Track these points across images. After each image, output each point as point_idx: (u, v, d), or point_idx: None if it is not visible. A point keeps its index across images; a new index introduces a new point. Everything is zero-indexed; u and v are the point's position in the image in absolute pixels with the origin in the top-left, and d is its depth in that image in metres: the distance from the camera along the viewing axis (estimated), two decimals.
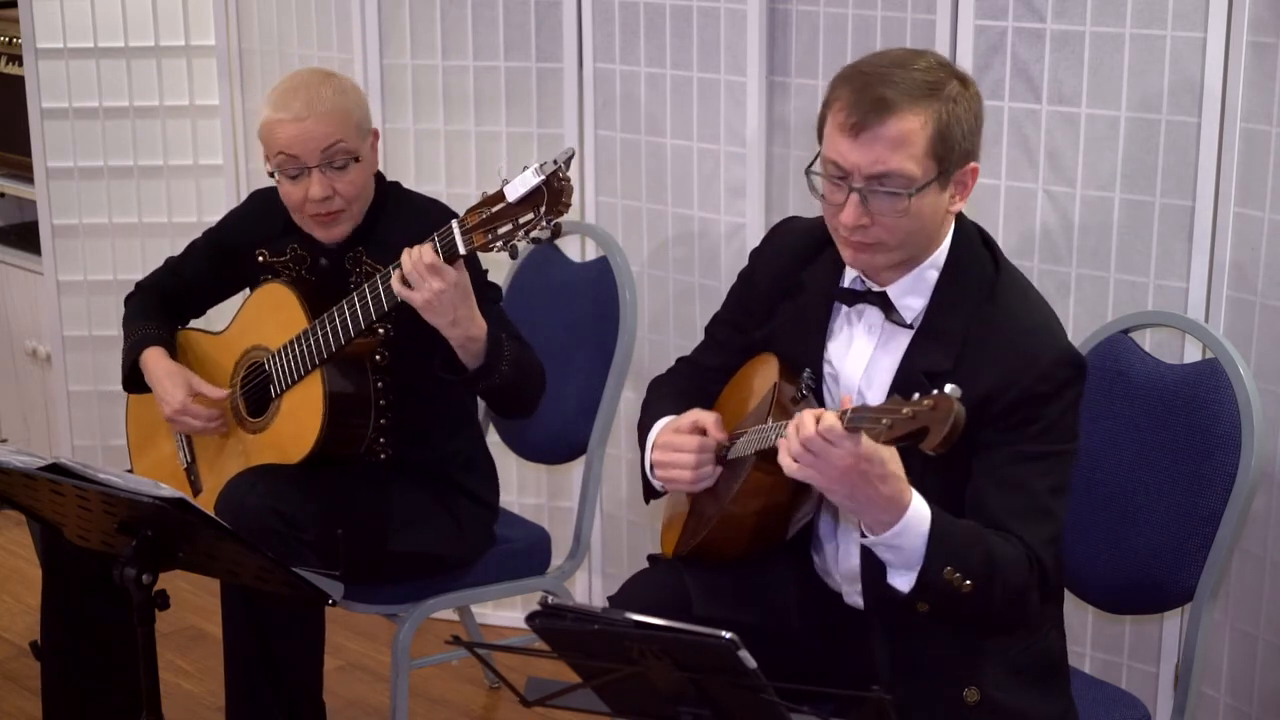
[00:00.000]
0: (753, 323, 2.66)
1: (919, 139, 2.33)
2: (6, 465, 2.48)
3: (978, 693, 2.40)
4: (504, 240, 2.73)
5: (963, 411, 2.06)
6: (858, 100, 2.34)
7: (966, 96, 2.39)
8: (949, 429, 2.06)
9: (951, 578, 2.25)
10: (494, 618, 4.07)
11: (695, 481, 2.54)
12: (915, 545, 2.26)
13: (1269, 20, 2.90)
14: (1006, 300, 2.45)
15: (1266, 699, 3.09)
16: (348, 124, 3.04)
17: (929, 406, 2.08)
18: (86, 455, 4.44)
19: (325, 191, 3.03)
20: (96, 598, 3.02)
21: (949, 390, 2.07)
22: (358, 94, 3.12)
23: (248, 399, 3.17)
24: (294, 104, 3.02)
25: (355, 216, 3.10)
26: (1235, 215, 3.00)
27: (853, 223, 2.38)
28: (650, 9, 3.67)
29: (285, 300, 3.10)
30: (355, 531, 2.97)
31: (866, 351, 2.50)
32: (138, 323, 3.27)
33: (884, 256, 2.42)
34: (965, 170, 2.41)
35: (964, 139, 2.37)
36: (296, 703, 3.05)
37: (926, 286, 2.46)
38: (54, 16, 4.28)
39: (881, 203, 2.36)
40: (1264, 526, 3.04)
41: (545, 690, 2.20)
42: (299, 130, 3.00)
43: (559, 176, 2.67)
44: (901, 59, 2.40)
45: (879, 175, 2.34)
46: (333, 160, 3.02)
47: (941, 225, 2.45)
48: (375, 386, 3.08)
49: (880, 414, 2.13)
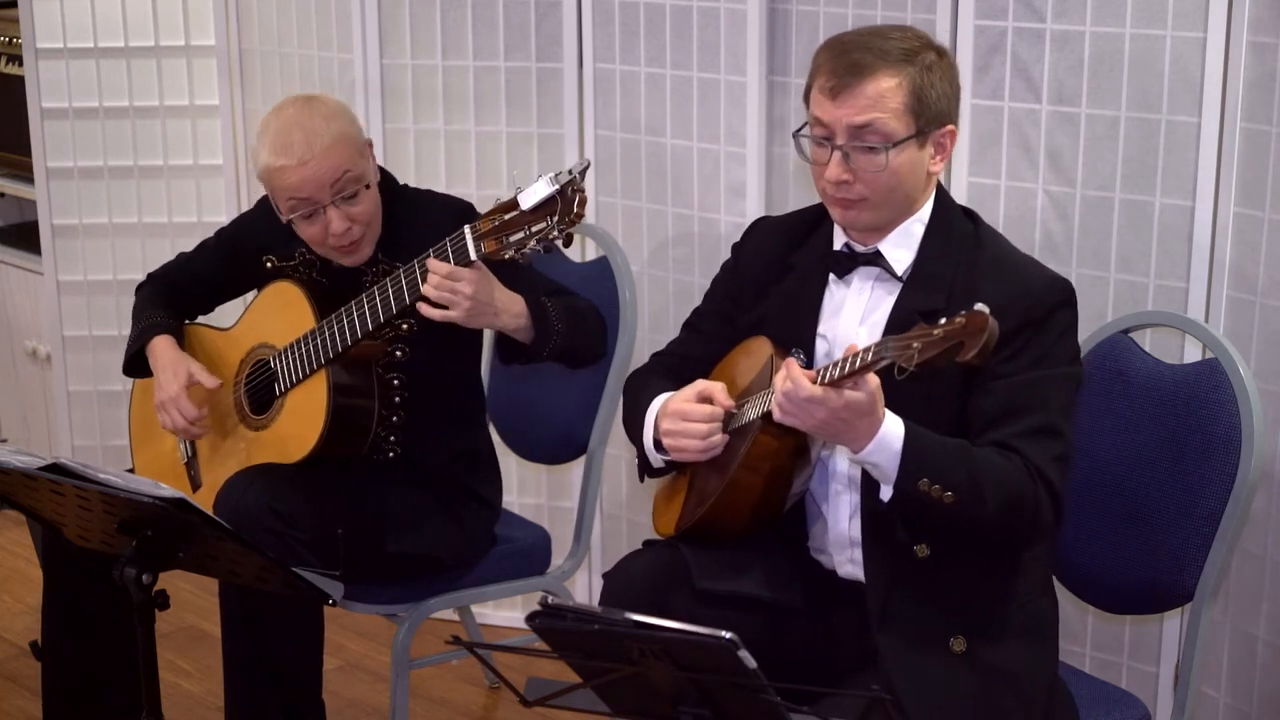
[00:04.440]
0: (741, 310, 2.71)
1: (895, 97, 2.47)
2: (6, 465, 2.48)
3: (964, 642, 2.47)
4: (516, 247, 2.74)
5: (996, 325, 2.18)
6: (836, 65, 2.50)
7: (942, 66, 2.53)
8: (986, 338, 2.17)
9: (929, 489, 2.36)
10: (494, 618, 4.07)
11: (705, 450, 2.57)
12: (891, 461, 2.38)
13: (1269, 20, 2.90)
14: (990, 245, 2.59)
15: (1266, 699, 3.09)
16: (350, 151, 3.00)
17: (960, 323, 2.19)
18: (86, 455, 4.44)
19: (344, 224, 3.01)
20: (96, 598, 3.02)
21: (978, 307, 2.19)
22: (346, 113, 3.07)
23: (251, 396, 3.18)
24: (294, 148, 2.96)
25: (376, 234, 3.09)
26: (1235, 215, 3.00)
27: (836, 178, 2.51)
28: (650, 9, 3.67)
29: (294, 299, 3.10)
30: (354, 532, 2.97)
31: (859, 306, 2.59)
32: (148, 310, 3.27)
33: (869, 213, 2.53)
34: (943, 132, 2.53)
35: (939, 101, 2.51)
36: (296, 703, 3.05)
37: (913, 240, 2.57)
38: (54, 16, 4.28)
39: (862, 159, 2.49)
40: (1264, 526, 3.04)
41: (545, 690, 2.21)
42: (306, 173, 2.96)
43: (574, 186, 2.68)
44: (881, 30, 2.56)
45: (858, 127, 2.47)
46: (343, 191, 2.99)
47: (923, 185, 2.56)
48: (390, 384, 3.08)
49: (909, 339, 2.23)
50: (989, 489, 2.38)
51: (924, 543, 2.47)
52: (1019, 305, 2.45)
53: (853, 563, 2.60)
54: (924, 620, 2.48)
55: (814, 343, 2.60)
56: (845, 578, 2.63)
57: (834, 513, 2.62)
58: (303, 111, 3.01)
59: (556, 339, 2.95)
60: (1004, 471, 2.40)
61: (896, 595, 2.49)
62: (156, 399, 3.16)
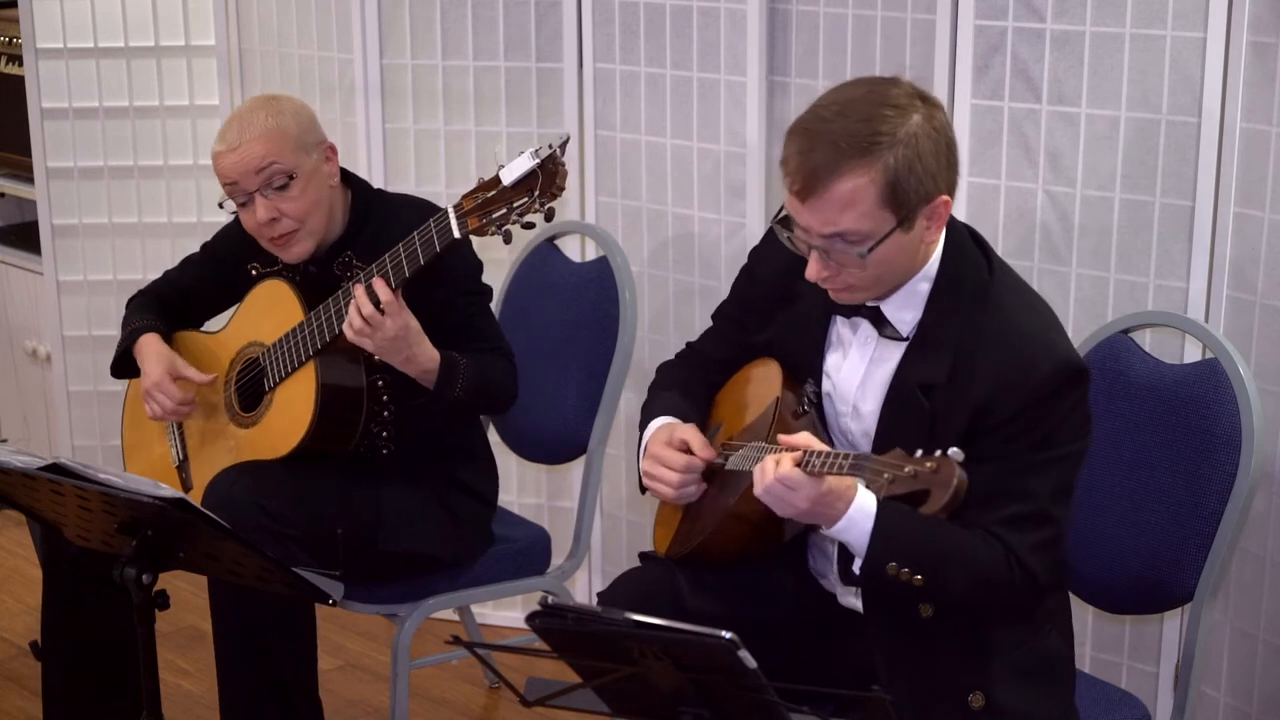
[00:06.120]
0: (753, 323, 2.66)
1: (867, 196, 2.29)
2: (6, 465, 2.48)
3: (983, 698, 2.38)
4: (498, 224, 2.76)
5: (965, 479, 2.11)
6: (800, 163, 2.31)
7: (927, 131, 2.31)
8: (950, 497, 2.11)
9: (897, 572, 2.28)
10: (494, 618, 4.07)
11: (678, 499, 2.57)
12: (860, 540, 2.32)
13: (1269, 20, 2.90)
14: (1000, 305, 2.42)
15: (1266, 699, 3.09)
16: (282, 143, 3.04)
17: (931, 469, 2.12)
18: (86, 455, 4.44)
19: (270, 214, 3.04)
20: (96, 598, 3.02)
21: (952, 454, 2.12)
22: (299, 113, 3.11)
23: (241, 394, 3.18)
24: (229, 134, 3.06)
25: (316, 232, 3.10)
26: (1235, 215, 3.00)
27: (816, 277, 2.39)
28: (650, 9, 3.67)
29: (282, 296, 3.12)
30: (348, 530, 2.98)
31: (861, 364, 2.50)
32: (137, 316, 3.29)
33: (864, 294, 2.42)
34: (933, 205, 2.34)
35: (922, 182, 2.30)
36: (291, 700, 3.05)
37: (919, 299, 2.43)
38: (54, 16, 4.28)
39: (842, 256, 2.35)
40: (1264, 526, 3.04)
41: (545, 690, 2.20)
42: (234, 158, 3.04)
43: (554, 160, 2.69)
44: (850, 103, 2.32)
45: (832, 235, 2.33)
46: (270, 181, 3.04)
47: (919, 253, 2.40)
48: (378, 380, 3.08)
49: (883, 468, 2.18)
50: (960, 574, 2.32)
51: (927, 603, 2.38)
52: (1021, 390, 2.33)
53: (855, 596, 2.55)
54: (937, 676, 2.40)
55: (820, 377, 2.54)
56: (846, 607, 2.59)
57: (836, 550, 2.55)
58: (252, 105, 3.13)
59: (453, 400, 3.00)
60: (979, 557, 2.33)
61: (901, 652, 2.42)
62: (142, 388, 3.18)
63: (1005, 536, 2.34)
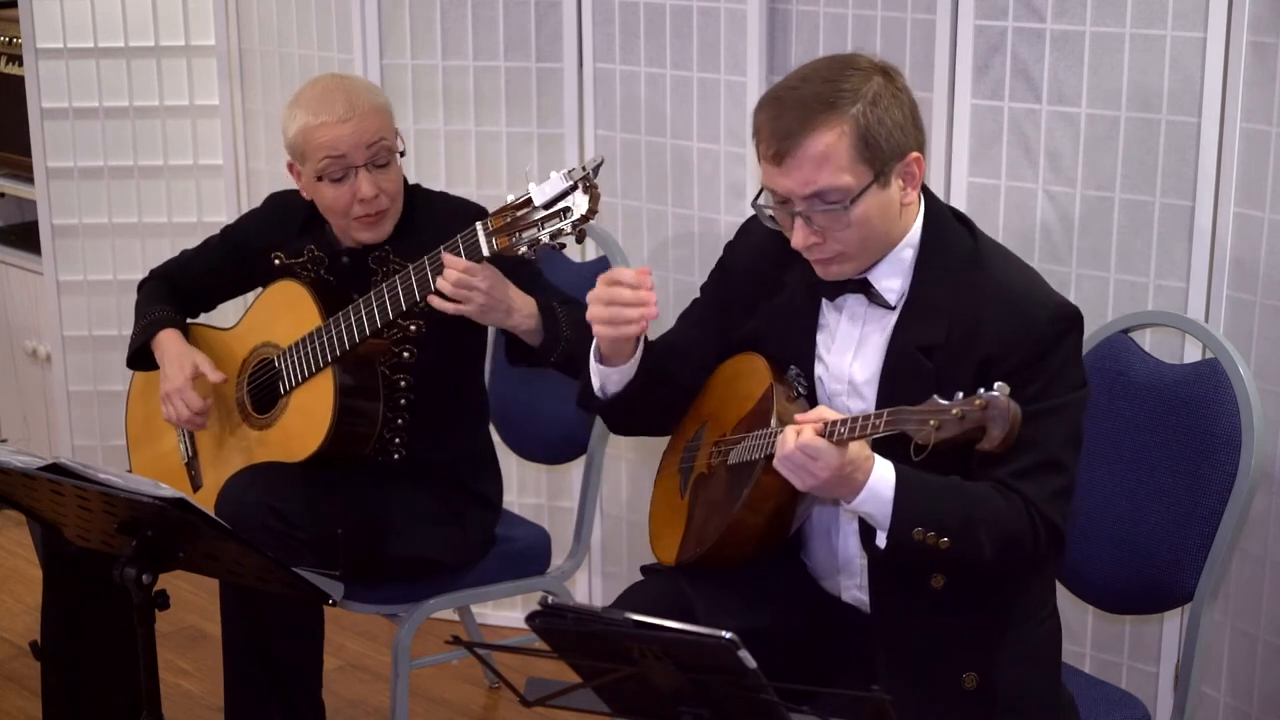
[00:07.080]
0: (732, 319, 2.65)
1: (840, 149, 2.35)
2: (6, 465, 2.48)
3: (976, 679, 2.41)
4: (528, 243, 2.75)
5: (1019, 408, 2.13)
6: (773, 128, 2.37)
7: (889, 92, 2.38)
8: (1009, 428, 2.13)
9: (924, 537, 2.29)
10: (494, 618, 4.07)
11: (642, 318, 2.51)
12: (883, 510, 2.31)
13: (1269, 20, 2.90)
14: (990, 264, 2.46)
15: (1266, 699, 3.09)
16: (388, 120, 3.07)
17: (980, 406, 2.14)
18: (86, 455, 4.44)
19: (374, 189, 3.03)
20: (96, 598, 3.02)
21: (997, 388, 2.14)
22: (383, 91, 3.15)
23: (254, 395, 3.18)
24: (335, 106, 3.01)
25: (396, 214, 3.11)
26: (1235, 215, 3.00)
27: (803, 244, 2.41)
28: (650, 9, 3.67)
29: (299, 298, 3.11)
30: (356, 532, 2.97)
31: (853, 337, 2.51)
32: (153, 305, 3.27)
33: (850, 264, 2.45)
34: (906, 162, 2.40)
35: (892, 134, 2.37)
36: (295, 702, 3.06)
37: (905, 266, 2.46)
38: (54, 16, 4.28)
39: (824, 219, 2.38)
40: (1264, 526, 3.04)
41: (545, 690, 2.20)
42: (345, 130, 3.00)
43: (588, 182, 2.69)
44: (814, 71, 2.41)
45: (812, 195, 2.36)
46: (376, 158, 3.03)
47: (900, 217, 2.44)
48: (397, 385, 3.08)
49: (927, 415, 2.18)
50: (985, 531, 2.32)
51: (939, 572, 2.40)
52: (1026, 339, 2.37)
53: (859, 589, 2.55)
54: (936, 658, 2.42)
55: (811, 365, 2.55)
56: (849, 603, 2.59)
57: (842, 540, 2.56)
58: (344, 80, 3.11)
59: (564, 345, 2.95)
60: (1001, 511, 2.34)
61: (906, 632, 2.43)
62: (162, 390, 3.17)
63: (1021, 488, 2.36)
